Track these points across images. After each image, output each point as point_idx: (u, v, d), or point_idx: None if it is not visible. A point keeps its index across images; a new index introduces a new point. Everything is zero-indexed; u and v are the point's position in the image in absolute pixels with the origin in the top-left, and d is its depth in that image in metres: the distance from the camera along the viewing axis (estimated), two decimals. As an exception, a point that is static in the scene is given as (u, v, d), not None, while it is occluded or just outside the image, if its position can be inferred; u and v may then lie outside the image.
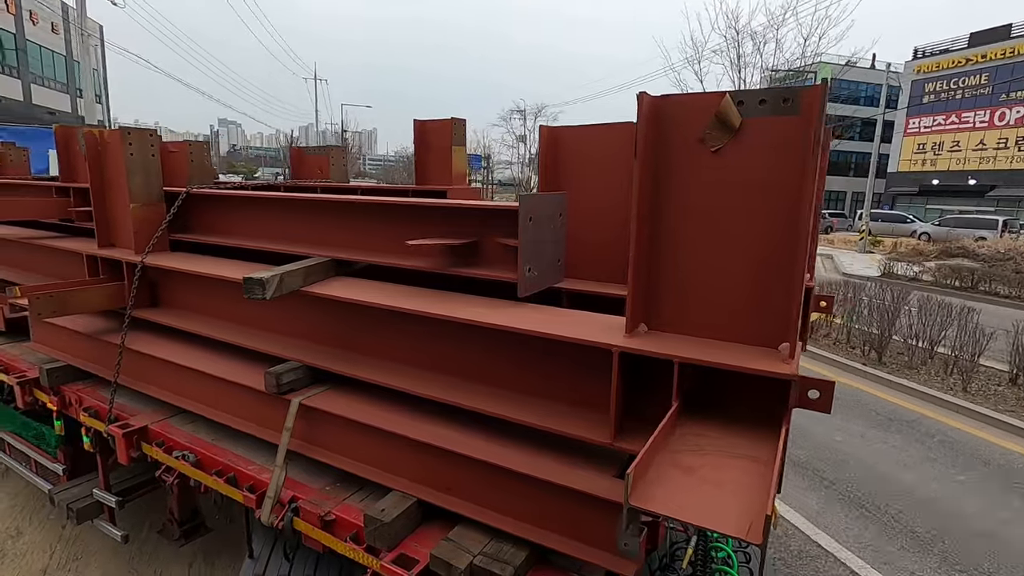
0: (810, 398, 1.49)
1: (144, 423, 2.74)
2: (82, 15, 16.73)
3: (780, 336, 1.50)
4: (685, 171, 1.56)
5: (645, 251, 1.62)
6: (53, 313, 2.77)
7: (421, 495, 1.99)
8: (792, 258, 1.44)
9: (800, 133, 1.40)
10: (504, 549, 1.79)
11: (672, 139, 1.56)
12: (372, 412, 2.14)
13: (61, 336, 3.33)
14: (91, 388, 3.16)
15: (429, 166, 3.14)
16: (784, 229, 1.46)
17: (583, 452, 1.85)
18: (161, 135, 3.25)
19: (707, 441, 1.43)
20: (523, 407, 1.85)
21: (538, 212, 1.96)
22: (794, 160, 1.42)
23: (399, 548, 1.88)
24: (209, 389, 2.64)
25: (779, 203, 1.46)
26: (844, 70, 14.05)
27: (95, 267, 3.13)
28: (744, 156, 1.48)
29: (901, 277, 16.78)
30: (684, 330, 1.64)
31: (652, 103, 1.55)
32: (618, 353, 1.57)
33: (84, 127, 3.19)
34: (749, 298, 1.53)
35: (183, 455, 2.52)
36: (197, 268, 2.63)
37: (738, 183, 1.50)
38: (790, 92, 1.42)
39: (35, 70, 27.26)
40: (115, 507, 3.22)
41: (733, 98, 1.47)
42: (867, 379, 8.14)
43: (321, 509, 2.07)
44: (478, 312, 1.90)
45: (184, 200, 2.98)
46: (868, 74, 38.39)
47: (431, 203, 2.25)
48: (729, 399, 1.59)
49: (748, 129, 1.47)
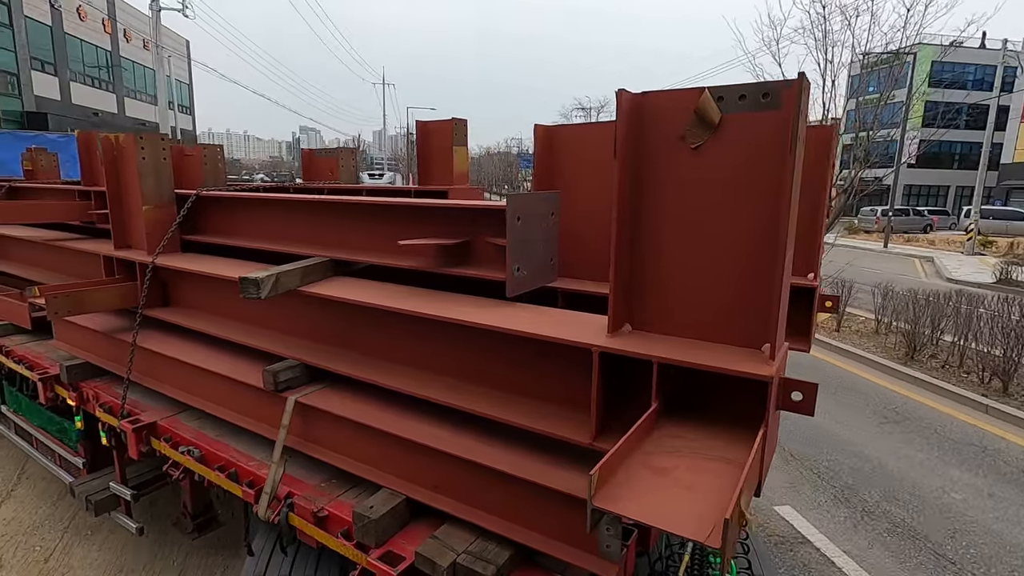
0: (793, 400, 1.45)
1: (154, 419, 2.82)
2: (156, 28, 18.66)
3: (763, 336, 1.47)
4: (666, 169, 1.54)
5: (627, 250, 1.60)
6: (69, 312, 2.87)
7: (409, 493, 2.00)
8: (773, 257, 1.41)
9: (779, 129, 1.37)
10: (489, 548, 1.79)
11: (652, 137, 1.54)
12: (365, 410, 2.17)
13: (80, 334, 3.45)
14: (107, 384, 3.27)
15: (431, 167, 3.17)
16: (765, 227, 1.42)
17: (571, 453, 1.83)
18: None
19: (684, 443, 1.41)
20: (510, 407, 1.85)
21: (527, 211, 1.96)
22: (775, 155, 1.39)
23: (387, 545, 1.90)
24: (214, 386, 2.71)
25: (760, 201, 1.43)
26: (948, 51, 12.58)
27: (111, 267, 3.24)
28: (724, 153, 1.46)
29: (1022, 284, 14.42)
30: (668, 330, 1.62)
31: (632, 100, 1.53)
32: (598, 353, 1.56)
33: (102, 133, 3.30)
34: (731, 297, 1.50)
35: (188, 450, 2.59)
36: (203, 268, 2.70)
37: (718, 180, 1.48)
38: (769, 87, 1.39)
39: (128, 84, 30.03)
40: (130, 500, 3.32)
41: (712, 94, 1.44)
42: (989, 416, 6.59)
43: (315, 505, 2.11)
44: (466, 312, 1.90)
45: (194, 202, 3.06)
46: (977, 55, 33.95)
47: (424, 203, 2.27)
48: (711, 400, 1.56)
49: (728, 125, 1.44)
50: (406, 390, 2.04)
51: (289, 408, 2.26)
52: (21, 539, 4.23)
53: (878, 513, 4.61)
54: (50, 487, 4.76)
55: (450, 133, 3.05)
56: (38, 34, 23.56)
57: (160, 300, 3.13)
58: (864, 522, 4.49)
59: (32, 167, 5.71)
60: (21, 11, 22.40)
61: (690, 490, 1.21)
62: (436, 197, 3.18)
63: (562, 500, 1.72)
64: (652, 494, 1.19)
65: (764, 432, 1.35)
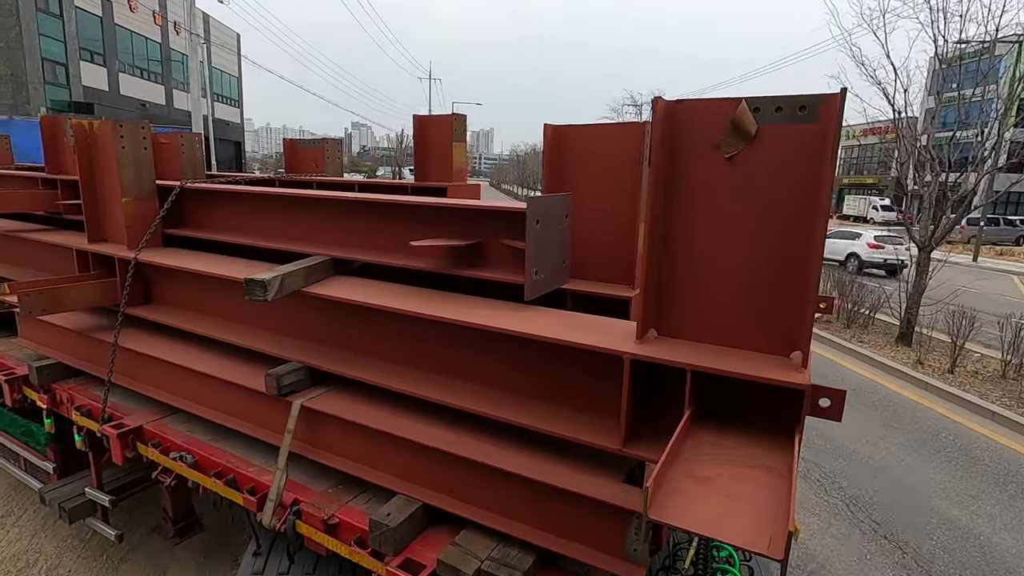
0: (821, 407, 1.49)
1: (139, 423, 2.69)
2: (189, 12, 19.51)
3: (792, 344, 1.50)
4: (698, 177, 1.55)
5: (656, 257, 1.60)
6: (44, 311, 2.70)
7: (426, 499, 1.98)
8: (806, 267, 1.44)
9: (817, 141, 1.39)
10: (511, 554, 1.79)
11: (686, 144, 1.55)
12: (375, 415, 2.12)
13: (51, 332, 3.26)
14: (83, 386, 3.10)
15: (429, 162, 3.10)
16: (798, 238, 1.45)
17: (589, 457, 1.84)
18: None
19: (722, 450, 1.43)
20: (529, 411, 1.84)
21: (545, 214, 1.94)
22: (810, 168, 1.41)
23: (405, 552, 1.87)
24: (205, 388, 2.60)
25: (794, 211, 1.45)
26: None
27: (86, 262, 3.06)
28: (759, 163, 1.47)
29: None
30: (695, 336, 1.64)
31: (666, 108, 1.53)
32: (629, 360, 1.57)
33: (72, 118, 3.09)
34: (762, 306, 1.53)
35: (180, 456, 2.49)
36: (192, 265, 2.58)
37: (752, 190, 1.49)
38: (807, 100, 1.40)
39: (177, 76, 30.14)
40: (108, 506, 3.17)
41: (749, 104, 1.45)
42: None
43: (324, 512, 2.06)
44: (485, 315, 1.88)
45: (178, 195, 2.92)
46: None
47: (435, 203, 2.22)
48: (743, 407, 1.59)
49: (764, 136, 1.46)
50: (419, 394, 2.01)
51: (295, 413, 2.19)
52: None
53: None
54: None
55: (449, 129, 2.99)
56: (88, 25, 23.96)
57: (142, 297, 2.98)
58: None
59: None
60: (72, 1, 22.56)
61: (736, 499, 1.22)
62: (434, 193, 3.12)
63: (585, 504, 1.73)
64: (700, 504, 1.20)
65: (800, 439, 1.38)
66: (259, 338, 2.51)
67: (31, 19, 20.82)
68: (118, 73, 26.04)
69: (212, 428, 2.63)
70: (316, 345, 2.37)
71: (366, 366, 2.19)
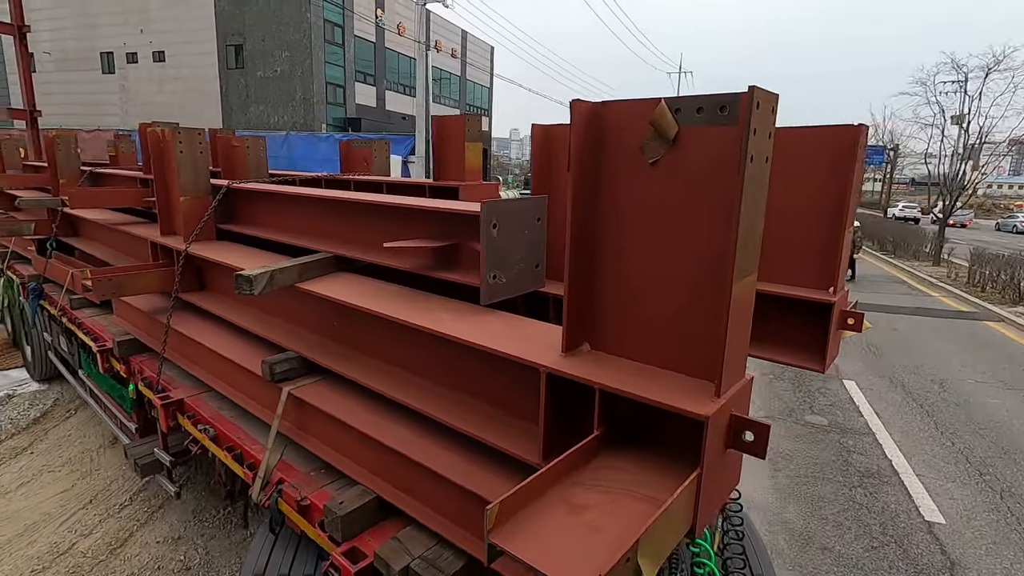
0: (744, 441, 1.34)
1: (181, 396, 3.04)
2: (419, 23, 21.91)
3: (712, 368, 1.36)
4: (627, 184, 1.45)
5: (583, 269, 1.52)
6: (113, 294, 3.14)
7: (380, 492, 2.05)
8: (721, 283, 1.29)
9: (737, 145, 1.24)
10: (444, 556, 1.80)
11: (613, 149, 1.45)
12: (348, 407, 2.22)
13: (132, 312, 3.77)
14: (151, 360, 3.56)
15: (446, 162, 3.17)
16: (718, 251, 1.31)
17: (526, 468, 1.79)
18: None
19: (619, 476, 1.34)
20: (466, 414, 1.83)
21: (505, 217, 1.91)
22: (731, 175, 1.26)
23: (354, 541, 1.95)
24: (230, 370, 2.88)
25: (714, 222, 1.31)
26: None
27: (156, 253, 3.50)
28: (682, 169, 1.35)
29: None
30: (627, 353, 1.54)
31: (589, 110, 1.44)
32: (546, 374, 1.51)
33: (149, 126, 3.53)
34: (685, 323, 1.40)
35: (205, 428, 2.78)
36: (222, 258, 2.85)
37: (676, 198, 1.37)
38: (728, 99, 1.26)
39: (434, 91, 34.05)
40: (169, 466, 3.61)
41: (670, 105, 1.33)
42: None
43: (299, 493, 2.20)
44: (436, 319, 1.90)
45: (226, 194, 3.23)
46: None
47: (407, 204, 2.26)
48: (668, 431, 1.47)
49: (686, 140, 1.33)
50: (377, 389, 2.08)
51: (283, 399, 2.36)
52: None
53: None
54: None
55: (462, 128, 3.02)
56: (363, 50, 28.67)
57: (196, 285, 3.35)
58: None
59: (115, 153, 6.25)
60: (352, 32, 27.52)
61: (598, 533, 1.15)
62: (447, 193, 3.18)
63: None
64: (555, 534, 1.14)
65: (699, 474, 1.25)
66: (273, 327, 2.73)
67: (320, 50, 25.47)
68: (385, 91, 30.29)
69: (237, 407, 2.90)
70: (313, 336, 2.53)
71: (345, 358, 2.30)
